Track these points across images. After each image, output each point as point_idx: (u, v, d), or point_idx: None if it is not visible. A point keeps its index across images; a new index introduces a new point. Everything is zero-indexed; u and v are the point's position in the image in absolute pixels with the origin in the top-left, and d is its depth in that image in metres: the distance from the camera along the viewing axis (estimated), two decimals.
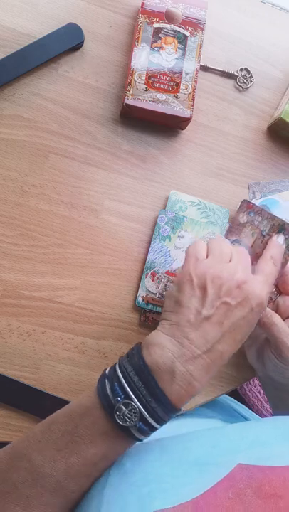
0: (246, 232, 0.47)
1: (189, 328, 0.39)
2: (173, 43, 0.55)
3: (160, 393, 0.37)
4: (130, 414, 0.37)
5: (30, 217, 0.54)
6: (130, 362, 0.39)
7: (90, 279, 0.54)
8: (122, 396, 0.37)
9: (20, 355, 0.52)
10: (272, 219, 0.47)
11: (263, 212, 0.47)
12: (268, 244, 0.46)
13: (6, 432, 0.50)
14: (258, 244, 0.47)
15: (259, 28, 0.62)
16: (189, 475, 0.36)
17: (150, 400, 0.37)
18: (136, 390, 0.37)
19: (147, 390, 0.37)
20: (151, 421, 0.37)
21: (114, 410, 0.37)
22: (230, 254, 0.42)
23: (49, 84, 0.56)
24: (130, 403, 0.37)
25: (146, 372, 0.38)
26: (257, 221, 0.47)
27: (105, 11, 0.58)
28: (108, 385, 0.38)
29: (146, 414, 0.37)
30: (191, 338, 0.38)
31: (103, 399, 0.38)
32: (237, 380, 0.56)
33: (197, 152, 0.59)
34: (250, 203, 0.47)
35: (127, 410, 0.37)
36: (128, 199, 0.56)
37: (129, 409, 0.37)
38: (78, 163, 0.55)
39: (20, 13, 0.56)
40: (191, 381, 0.38)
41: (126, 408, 0.37)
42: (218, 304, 0.39)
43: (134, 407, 0.37)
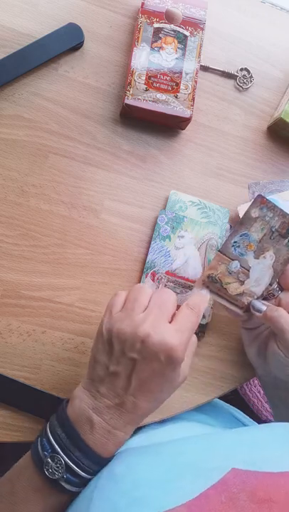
0: (256, 227, 0.48)
1: (99, 383, 0.41)
2: (173, 43, 0.55)
3: (82, 443, 0.39)
4: (57, 466, 0.38)
5: (30, 217, 0.54)
6: (57, 417, 0.41)
7: (90, 279, 0.54)
8: (49, 450, 0.39)
9: (21, 355, 0.52)
10: (283, 216, 0.48)
11: (276, 209, 0.48)
12: (190, 294, 0.45)
13: (6, 432, 0.50)
14: (266, 240, 0.48)
15: (259, 28, 0.62)
16: (182, 478, 0.36)
17: (74, 449, 0.39)
18: (60, 443, 0.39)
19: (70, 441, 0.39)
20: (78, 471, 0.38)
21: (43, 465, 0.39)
22: (145, 305, 0.41)
23: (49, 84, 0.56)
24: (56, 456, 0.39)
25: (67, 423, 0.40)
26: (268, 217, 0.48)
27: (105, 11, 0.58)
28: (39, 441, 0.40)
29: (72, 465, 0.38)
30: (102, 391, 0.40)
31: (35, 455, 0.40)
32: (237, 380, 0.56)
33: (197, 152, 0.59)
34: (265, 198, 0.47)
35: (54, 463, 0.38)
36: (128, 199, 0.56)
37: (55, 462, 0.38)
38: (78, 163, 0.55)
39: (20, 13, 0.56)
40: (110, 430, 0.39)
41: (53, 462, 0.39)
42: (123, 360, 0.40)
43: (59, 459, 0.38)
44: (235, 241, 0.48)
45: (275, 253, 0.48)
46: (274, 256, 0.49)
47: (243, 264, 0.49)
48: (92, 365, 0.42)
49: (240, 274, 0.49)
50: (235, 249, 0.48)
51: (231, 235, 0.48)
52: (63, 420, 0.40)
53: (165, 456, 0.40)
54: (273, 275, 0.49)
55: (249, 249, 0.48)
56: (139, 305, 0.41)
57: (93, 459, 0.39)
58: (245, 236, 0.48)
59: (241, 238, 0.48)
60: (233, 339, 0.56)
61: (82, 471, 0.39)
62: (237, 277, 0.49)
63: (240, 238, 0.48)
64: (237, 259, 0.49)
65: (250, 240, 0.48)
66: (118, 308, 0.42)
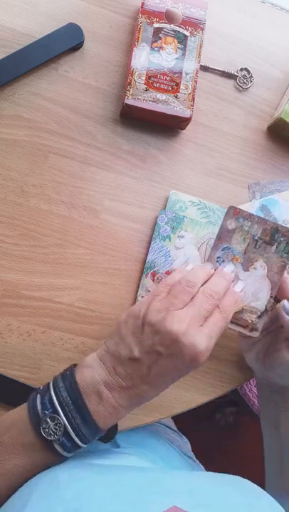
0: (237, 239, 0.47)
1: (118, 362, 0.40)
2: (173, 43, 0.55)
3: (86, 412, 0.39)
4: (55, 428, 0.38)
5: (30, 217, 0.54)
6: (63, 379, 0.41)
7: (90, 279, 0.54)
8: (50, 410, 0.39)
9: (21, 355, 0.52)
10: (263, 223, 0.46)
11: (253, 217, 0.46)
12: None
13: None
14: (251, 250, 0.46)
15: (259, 28, 0.62)
16: (123, 504, 0.36)
17: (76, 416, 0.39)
18: (64, 406, 0.39)
19: (74, 407, 0.39)
20: (75, 438, 0.39)
21: (40, 423, 0.39)
22: (186, 301, 0.41)
23: (49, 84, 0.56)
24: (56, 417, 0.39)
25: (75, 389, 0.40)
26: (247, 226, 0.46)
27: (105, 11, 0.58)
28: (39, 399, 0.40)
29: (71, 430, 0.39)
30: (119, 371, 0.40)
31: (32, 412, 0.40)
32: (237, 380, 0.56)
33: (197, 152, 0.59)
34: (237, 209, 0.46)
35: (53, 424, 0.38)
36: (128, 199, 0.56)
37: (54, 423, 0.39)
38: (78, 163, 0.55)
39: (20, 13, 0.56)
40: (116, 407, 0.40)
41: (52, 422, 0.39)
42: (150, 351, 0.40)
43: (59, 421, 0.38)
44: (218, 256, 0.47)
45: (266, 262, 0.46)
46: (265, 266, 0.46)
47: (234, 279, 0.46)
48: (117, 341, 0.41)
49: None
50: (220, 264, 0.47)
51: (212, 251, 0.47)
52: (71, 384, 0.40)
53: (111, 478, 0.40)
54: (272, 286, 0.46)
55: (236, 262, 0.47)
56: (181, 300, 0.41)
57: (92, 429, 0.39)
58: (227, 250, 0.47)
59: (224, 252, 0.47)
60: (233, 339, 0.56)
61: (78, 439, 0.39)
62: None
63: (223, 253, 0.47)
64: None
65: (234, 252, 0.46)
66: (163, 296, 0.42)
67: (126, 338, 0.41)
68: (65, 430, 0.38)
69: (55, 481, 0.38)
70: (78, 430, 0.39)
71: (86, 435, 0.39)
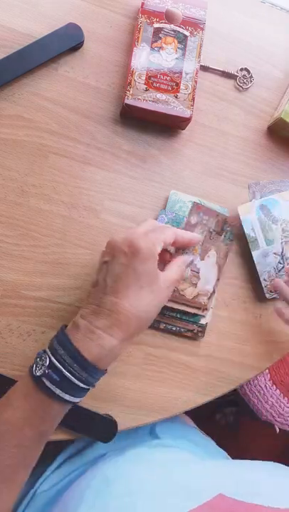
0: (197, 232, 0.51)
1: (87, 298, 0.44)
2: (173, 43, 0.55)
3: (66, 341, 0.41)
4: (42, 363, 0.41)
5: (30, 217, 0.54)
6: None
7: (90, 279, 0.54)
8: (41, 353, 0.42)
9: (21, 355, 0.52)
10: (216, 216, 0.52)
11: (211, 211, 0.52)
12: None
13: None
14: (206, 241, 0.52)
15: (259, 28, 0.62)
16: (173, 496, 0.37)
17: (59, 348, 0.41)
18: (50, 345, 0.42)
19: (58, 342, 0.41)
20: (59, 366, 0.40)
21: (32, 366, 0.41)
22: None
23: (49, 84, 0.56)
24: (43, 355, 0.41)
25: (60, 331, 0.42)
26: (205, 220, 0.52)
27: (105, 11, 0.58)
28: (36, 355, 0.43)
29: (54, 360, 0.40)
30: (88, 301, 0.43)
31: (29, 368, 0.42)
32: (237, 380, 0.56)
33: (197, 152, 0.59)
34: (199, 205, 0.51)
35: (40, 361, 0.41)
36: (128, 199, 0.56)
37: (41, 359, 0.41)
38: (78, 163, 0.55)
39: (21, 13, 0.56)
40: (93, 329, 0.41)
41: (40, 360, 0.41)
42: (99, 267, 0.44)
43: (45, 356, 0.41)
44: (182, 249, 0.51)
45: (216, 250, 0.53)
46: (216, 254, 0.53)
47: (193, 268, 0.52)
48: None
49: (193, 278, 0.52)
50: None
51: None
52: (58, 331, 0.43)
53: (158, 471, 0.41)
54: (218, 270, 0.53)
55: (196, 253, 0.51)
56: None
57: (75, 356, 0.40)
58: None
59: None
60: (233, 339, 0.56)
61: (62, 367, 0.40)
62: (190, 281, 0.52)
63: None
64: (187, 265, 0.52)
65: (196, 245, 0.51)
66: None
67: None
68: (50, 362, 0.40)
69: (104, 479, 0.40)
70: (62, 360, 0.40)
71: (71, 365, 0.40)
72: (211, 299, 0.54)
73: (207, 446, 0.65)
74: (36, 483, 0.55)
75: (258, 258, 0.56)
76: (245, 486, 0.38)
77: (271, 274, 0.56)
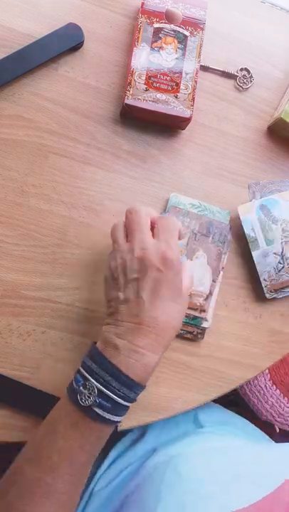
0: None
1: (117, 313, 0.43)
2: (173, 43, 0.55)
3: (109, 365, 0.40)
4: (89, 393, 0.40)
5: (30, 217, 0.54)
6: (87, 354, 0.44)
7: (90, 279, 0.54)
8: (82, 381, 0.41)
9: (21, 355, 0.52)
10: (199, 218, 0.55)
11: (190, 214, 0.55)
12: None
13: (6, 431, 0.50)
14: (192, 242, 0.54)
15: (259, 28, 0.62)
16: (241, 484, 0.39)
17: (103, 374, 0.40)
18: (90, 371, 0.41)
19: (99, 366, 0.41)
20: (108, 393, 0.39)
21: (77, 396, 0.40)
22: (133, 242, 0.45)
23: (49, 84, 0.56)
24: (88, 383, 0.40)
25: (95, 353, 0.42)
26: (186, 222, 0.54)
27: (105, 11, 0.58)
28: (73, 378, 0.42)
29: (102, 388, 0.40)
30: (121, 318, 0.43)
31: (70, 392, 0.42)
32: (237, 380, 0.56)
33: (197, 152, 0.59)
34: (177, 208, 0.54)
35: (87, 391, 0.40)
36: (128, 199, 0.56)
37: (87, 389, 0.40)
38: (78, 163, 0.55)
39: (21, 13, 0.56)
40: (135, 349, 0.41)
41: (85, 389, 0.40)
42: (129, 285, 0.43)
43: (91, 385, 0.40)
44: None
45: (206, 251, 0.55)
46: (205, 255, 0.55)
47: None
48: (108, 305, 0.45)
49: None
50: None
51: None
52: (92, 352, 0.42)
53: (226, 460, 0.42)
54: (212, 271, 0.55)
55: (181, 254, 0.53)
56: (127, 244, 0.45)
57: (122, 380, 0.40)
58: None
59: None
60: (233, 339, 0.56)
61: (112, 394, 0.40)
62: None
63: None
64: None
65: (179, 245, 0.51)
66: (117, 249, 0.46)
67: (111, 296, 0.44)
68: (98, 391, 0.40)
69: (177, 474, 0.41)
70: (109, 386, 0.40)
71: (120, 389, 0.40)
72: (209, 301, 0.54)
73: (252, 432, 0.66)
74: (91, 483, 0.55)
75: (258, 258, 0.56)
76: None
77: (271, 274, 0.56)
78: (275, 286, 0.55)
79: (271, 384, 0.84)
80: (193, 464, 0.42)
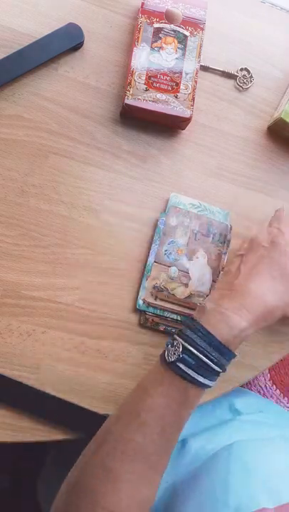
0: (179, 233, 0.55)
1: (218, 284, 0.48)
2: (173, 43, 0.55)
3: (194, 323, 0.43)
4: (175, 349, 0.42)
5: (30, 217, 0.54)
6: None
7: (90, 279, 0.54)
8: (171, 341, 0.43)
9: (21, 355, 0.52)
10: (199, 218, 0.55)
11: (190, 214, 0.55)
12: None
13: (6, 431, 0.50)
14: (192, 242, 0.55)
15: (259, 28, 0.62)
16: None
17: (189, 332, 0.42)
18: (179, 332, 0.43)
19: (186, 326, 0.43)
20: (192, 349, 0.41)
21: (165, 354, 0.43)
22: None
23: (49, 84, 0.56)
24: (175, 342, 0.42)
25: (189, 319, 0.44)
26: (186, 222, 0.55)
27: (105, 11, 0.58)
28: (166, 344, 0.44)
29: (186, 344, 0.41)
30: (217, 287, 0.47)
31: (161, 354, 0.44)
32: (237, 380, 0.56)
33: (197, 152, 0.59)
34: (177, 208, 0.55)
35: (172, 348, 0.42)
36: (128, 199, 0.56)
37: (174, 346, 0.42)
38: (78, 163, 0.55)
39: (20, 13, 0.56)
40: (221, 310, 0.43)
41: (172, 347, 0.42)
42: (235, 259, 0.48)
43: (177, 342, 0.42)
44: (165, 249, 0.54)
45: (206, 252, 0.55)
46: (206, 255, 0.55)
47: (181, 268, 0.54)
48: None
49: (182, 278, 0.54)
50: (168, 256, 0.54)
51: (160, 245, 0.54)
52: (188, 319, 0.44)
53: (284, 451, 0.43)
54: (213, 271, 0.55)
55: (181, 254, 0.54)
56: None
57: (207, 338, 0.41)
58: (172, 243, 0.54)
59: (170, 246, 0.54)
60: None
61: (197, 351, 0.41)
62: (180, 281, 0.54)
63: (169, 246, 0.54)
64: (173, 264, 0.54)
65: (178, 245, 0.54)
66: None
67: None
68: (182, 347, 0.41)
69: (242, 464, 0.42)
70: (192, 341, 0.41)
71: (203, 346, 0.41)
72: None
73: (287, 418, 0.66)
74: None
75: None
76: None
77: None
78: None
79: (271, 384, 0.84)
80: (255, 453, 0.43)
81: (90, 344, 0.53)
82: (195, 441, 0.53)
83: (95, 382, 0.53)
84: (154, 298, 0.53)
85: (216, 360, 0.41)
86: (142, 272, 0.55)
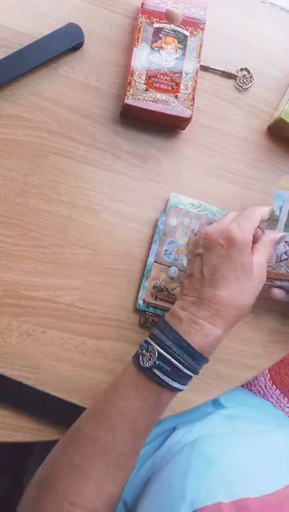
0: (180, 233, 0.55)
1: (183, 289, 0.46)
2: (173, 43, 0.55)
3: (171, 331, 0.42)
4: (150, 355, 0.42)
5: (30, 217, 0.54)
6: (156, 325, 0.45)
7: (90, 279, 0.54)
8: (145, 345, 0.43)
9: (21, 355, 0.52)
10: (199, 218, 0.55)
11: (190, 214, 0.55)
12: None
13: (6, 431, 0.50)
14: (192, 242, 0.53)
15: (259, 28, 0.62)
16: (269, 468, 0.40)
17: (165, 338, 0.42)
18: (154, 337, 0.43)
19: (162, 332, 0.43)
20: (168, 356, 0.41)
21: (139, 359, 0.43)
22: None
23: (49, 84, 0.56)
24: (150, 347, 0.43)
25: (162, 322, 0.44)
26: (186, 222, 0.55)
27: (105, 11, 0.58)
28: (139, 346, 0.44)
29: (162, 351, 0.42)
30: (185, 293, 0.45)
31: (134, 357, 0.44)
32: (237, 380, 0.56)
33: (197, 152, 0.59)
34: (177, 208, 0.55)
35: (148, 353, 0.42)
36: (128, 199, 0.56)
37: (149, 352, 0.42)
38: (78, 163, 0.55)
39: (20, 13, 0.56)
40: (195, 320, 0.43)
41: (147, 352, 0.42)
42: (194, 260, 0.46)
43: (152, 348, 0.42)
44: (166, 249, 0.54)
45: None
46: None
47: (181, 268, 0.54)
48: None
49: (182, 278, 0.53)
50: (168, 256, 0.54)
51: (160, 245, 0.54)
52: (160, 323, 0.45)
53: (253, 444, 0.43)
54: None
55: (181, 254, 0.54)
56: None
57: (182, 346, 0.42)
58: (172, 243, 0.54)
59: (170, 246, 0.54)
60: (233, 339, 0.56)
61: (172, 358, 0.41)
62: (180, 281, 0.53)
63: (169, 246, 0.54)
64: (173, 265, 0.54)
65: (178, 245, 0.54)
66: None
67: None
68: (158, 354, 0.42)
69: (204, 458, 0.42)
70: (168, 348, 0.42)
71: (179, 354, 0.41)
72: None
73: (275, 414, 0.67)
74: None
75: None
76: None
77: (271, 262, 0.53)
78: (269, 274, 0.52)
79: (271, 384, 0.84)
80: (219, 447, 0.43)
81: (90, 344, 0.53)
82: (178, 432, 0.54)
83: (95, 382, 0.53)
84: (154, 298, 0.53)
85: (191, 366, 0.42)
86: (142, 272, 0.55)
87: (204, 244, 0.45)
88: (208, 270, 0.44)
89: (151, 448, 0.55)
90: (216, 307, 0.43)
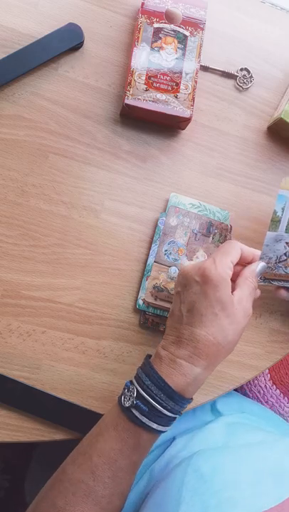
0: (179, 233, 0.55)
1: (166, 329, 0.46)
2: (173, 43, 0.55)
3: (151, 371, 0.42)
4: (130, 394, 0.42)
5: (30, 217, 0.54)
6: (141, 364, 0.45)
7: (90, 279, 0.54)
8: (129, 385, 0.43)
9: (21, 355, 0.52)
10: (199, 218, 0.55)
11: (190, 214, 0.55)
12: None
13: (6, 432, 0.50)
14: (192, 242, 0.55)
15: (259, 28, 0.62)
16: (265, 484, 0.39)
17: (145, 378, 0.42)
18: (136, 377, 0.43)
19: (143, 372, 0.43)
20: (146, 396, 0.41)
21: (121, 398, 0.42)
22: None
23: (49, 84, 0.56)
24: (132, 386, 0.42)
25: (145, 362, 0.44)
26: (186, 222, 0.55)
27: (105, 11, 0.58)
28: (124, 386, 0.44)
29: (141, 391, 0.41)
30: (166, 332, 0.45)
31: (118, 397, 0.43)
32: (237, 380, 0.56)
33: (197, 152, 0.59)
34: (177, 208, 0.55)
35: (128, 392, 0.42)
36: (128, 199, 0.56)
37: (129, 391, 0.42)
38: (78, 163, 0.55)
39: (20, 13, 0.56)
40: (174, 359, 0.42)
41: (128, 391, 0.42)
42: (174, 299, 0.46)
43: (133, 387, 0.42)
44: (165, 249, 0.54)
45: (206, 251, 0.55)
46: (205, 254, 0.55)
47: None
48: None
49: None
50: (168, 256, 0.54)
51: (160, 245, 0.54)
52: (144, 362, 0.44)
53: (249, 459, 0.42)
54: None
55: (181, 254, 0.54)
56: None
57: (161, 386, 0.41)
58: (172, 243, 0.54)
59: (170, 246, 0.54)
60: None
61: (150, 398, 0.41)
62: None
63: (169, 246, 0.54)
64: (173, 265, 0.54)
65: (178, 245, 0.54)
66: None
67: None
68: (137, 393, 0.41)
69: (199, 475, 0.41)
70: (147, 389, 0.41)
71: (157, 393, 0.41)
72: None
73: (275, 421, 0.66)
74: None
75: (269, 240, 0.52)
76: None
77: (271, 262, 0.54)
78: (268, 274, 0.52)
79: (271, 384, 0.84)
80: (214, 463, 0.42)
81: (90, 344, 0.53)
82: (177, 442, 0.53)
83: (95, 382, 0.53)
84: (154, 298, 0.53)
85: (170, 408, 0.41)
86: (142, 272, 0.55)
87: (181, 281, 0.44)
88: (185, 308, 0.43)
89: (149, 459, 0.54)
90: (194, 345, 0.42)
